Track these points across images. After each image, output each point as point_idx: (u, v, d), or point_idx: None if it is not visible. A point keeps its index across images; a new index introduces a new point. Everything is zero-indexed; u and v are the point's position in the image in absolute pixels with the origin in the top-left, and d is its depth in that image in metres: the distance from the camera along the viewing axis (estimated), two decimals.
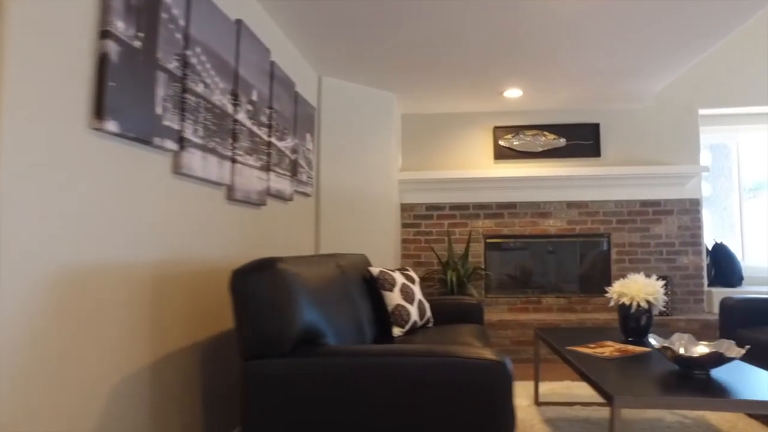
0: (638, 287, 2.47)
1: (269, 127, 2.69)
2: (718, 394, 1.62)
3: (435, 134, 4.43)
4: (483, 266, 4.25)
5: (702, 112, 4.33)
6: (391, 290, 2.63)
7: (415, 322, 2.65)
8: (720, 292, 4.11)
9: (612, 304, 2.55)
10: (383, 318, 2.61)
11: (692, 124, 4.24)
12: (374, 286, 2.65)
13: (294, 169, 3.08)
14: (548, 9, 2.61)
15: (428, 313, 2.79)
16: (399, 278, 2.71)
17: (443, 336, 2.51)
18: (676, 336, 2.12)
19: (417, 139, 4.45)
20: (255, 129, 2.50)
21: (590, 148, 4.25)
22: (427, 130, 4.44)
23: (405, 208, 4.35)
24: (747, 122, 4.65)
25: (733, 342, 1.93)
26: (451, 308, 2.96)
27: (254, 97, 2.49)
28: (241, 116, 2.34)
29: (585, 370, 1.94)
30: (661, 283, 2.55)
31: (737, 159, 4.74)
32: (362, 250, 3.65)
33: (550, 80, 3.67)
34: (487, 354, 1.47)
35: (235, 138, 2.27)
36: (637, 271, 4.14)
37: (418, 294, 2.75)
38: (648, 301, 2.43)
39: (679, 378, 1.81)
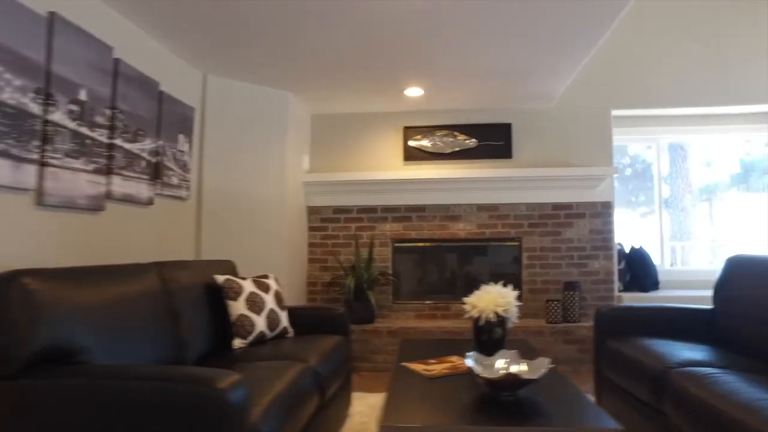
0: (489, 298, 2.34)
1: (111, 128, 2.54)
2: (498, 420, 1.49)
3: (345, 135, 4.29)
4: (390, 271, 4.11)
5: (615, 113, 4.21)
6: (235, 299, 2.49)
7: (262, 333, 2.51)
8: (631, 297, 3.99)
9: (467, 316, 2.42)
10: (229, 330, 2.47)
11: (605, 125, 4.11)
12: (220, 296, 2.51)
13: (156, 172, 2.93)
14: (436, 7, 2.49)
15: (283, 324, 2.65)
16: (248, 287, 2.57)
17: (287, 348, 2.36)
18: (501, 353, 2.00)
19: (327, 140, 4.31)
20: (84, 130, 2.35)
21: (502, 149, 4.12)
22: (338, 130, 4.30)
23: (312, 210, 4.21)
24: (665, 124, 4.54)
25: (547, 360, 1.81)
26: (314, 318, 2.82)
27: (82, 97, 2.34)
28: (58, 117, 2.19)
29: (390, 391, 1.81)
30: (515, 293, 2.43)
31: (687, 161, 4.63)
32: (253, 255, 3.51)
33: (450, 79, 3.54)
34: (217, 380, 1.33)
35: (46, 140, 2.12)
36: (547, 275, 4.01)
37: (270, 303, 2.61)
38: (497, 314, 2.30)
39: (481, 401, 1.68)
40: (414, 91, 3.76)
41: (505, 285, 2.47)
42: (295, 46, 2.98)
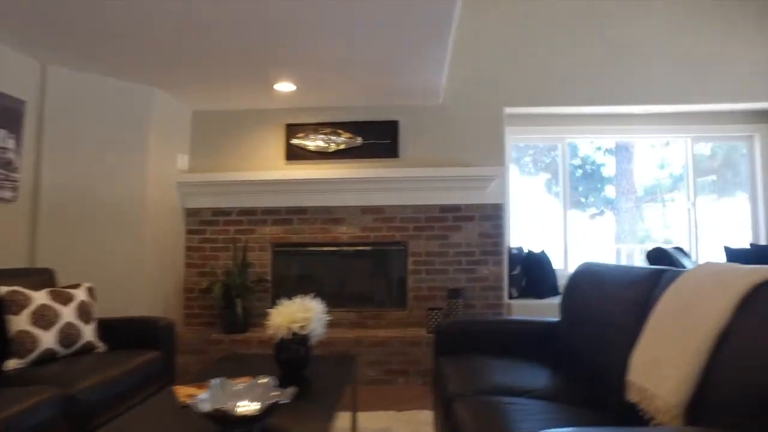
0: (287, 314, 2.10)
1: None
2: None
3: (227, 133, 4.04)
4: (269, 277, 3.87)
5: (509, 111, 4.01)
6: (18, 314, 2.23)
7: (50, 351, 2.26)
8: (521, 305, 3.79)
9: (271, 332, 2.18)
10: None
11: (497, 124, 3.91)
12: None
13: None
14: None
15: (85, 339, 2.40)
16: (39, 299, 2.31)
17: (61, 370, 2.11)
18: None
19: (209, 139, 4.05)
20: None
21: (388, 148, 3.89)
22: (220, 128, 4.05)
23: (190, 212, 3.95)
24: (573, 123, 4.35)
25: (271, 380, 1.58)
26: (131, 331, 2.57)
27: None
28: None
29: (118, 421, 1.57)
30: (320, 307, 2.20)
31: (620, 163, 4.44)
32: (105, 261, 3.24)
33: (320, 74, 3.31)
34: None
35: None
36: (434, 282, 3.79)
37: (67, 316, 2.36)
38: (294, 331, 2.06)
39: None
40: (285, 86, 3.52)
41: (316, 296, 2.25)
42: (151, 39, 2.76)
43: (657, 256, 2.54)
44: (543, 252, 4.20)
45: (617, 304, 1.89)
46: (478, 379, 1.93)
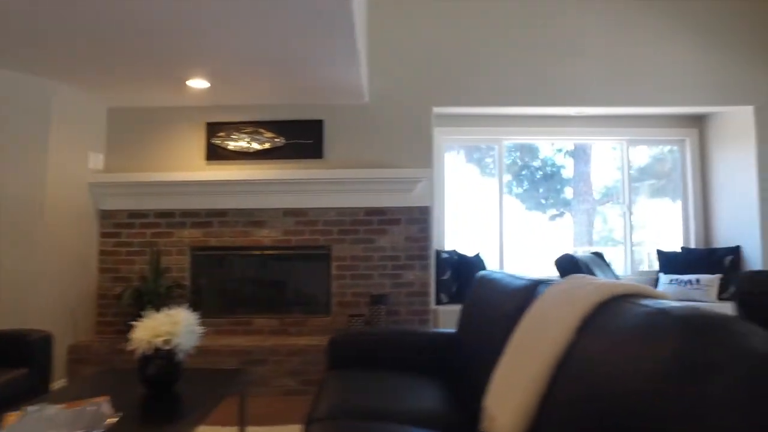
0: (153, 326, 1.95)
1: None
2: None
3: (145, 131, 3.85)
4: (188, 282, 3.69)
5: (442, 111, 3.92)
6: None
7: None
8: (448, 311, 3.71)
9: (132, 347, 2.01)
10: None
11: (425, 124, 3.81)
12: None
13: None
14: None
15: None
16: None
17: None
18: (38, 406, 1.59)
19: (126, 137, 3.85)
20: None
21: (312, 149, 3.75)
22: (138, 126, 3.85)
23: (105, 215, 3.74)
24: (509, 124, 4.28)
25: (106, 402, 1.44)
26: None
27: None
28: None
29: None
30: (192, 318, 2.06)
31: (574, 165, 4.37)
32: None
33: (233, 69, 3.14)
34: None
35: None
36: (358, 287, 3.68)
37: None
38: (157, 346, 1.91)
39: None
40: (198, 83, 3.34)
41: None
42: (51, 31, 2.55)
43: (565, 264, 2.47)
44: (477, 256, 4.13)
45: (495, 318, 1.80)
46: (352, 398, 1.81)
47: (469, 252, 4.15)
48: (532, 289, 1.68)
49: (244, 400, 2.27)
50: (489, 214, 4.37)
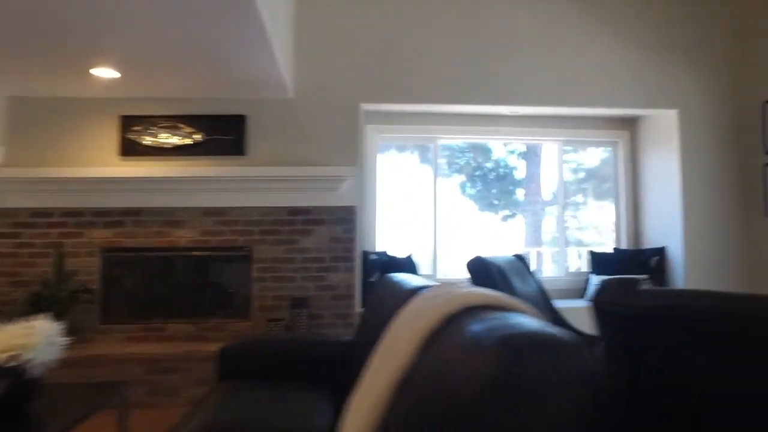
0: (2, 338, 1.76)
1: None
2: None
3: (51, 123, 3.58)
4: (97, 286, 3.46)
5: (371, 108, 3.81)
6: None
7: None
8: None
9: None
10: None
11: (353, 121, 3.69)
12: None
13: None
14: None
15: None
16: None
17: None
18: None
19: (29, 129, 3.57)
20: None
21: (234, 145, 3.58)
22: (42, 117, 3.58)
23: (4, 213, 3.46)
24: (444, 122, 4.21)
25: None
26: None
27: None
28: None
29: None
30: (53, 328, 1.87)
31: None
32: None
33: (144, 58, 2.94)
34: None
35: None
36: (280, 290, 3.53)
37: None
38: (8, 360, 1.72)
39: None
40: (106, 72, 3.12)
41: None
42: None
43: (475, 267, 2.39)
44: (409, 257, 4.04)
45: (377, 327, 1.69)
46: (226, 415, 1.67)
47: (401, 253, 4.06)
48: (412, 294, 1.58)
49: (124, 415, 2.09)
50: (424, 214, 4.30)
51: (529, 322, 0.92)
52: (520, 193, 4.90)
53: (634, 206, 4.40)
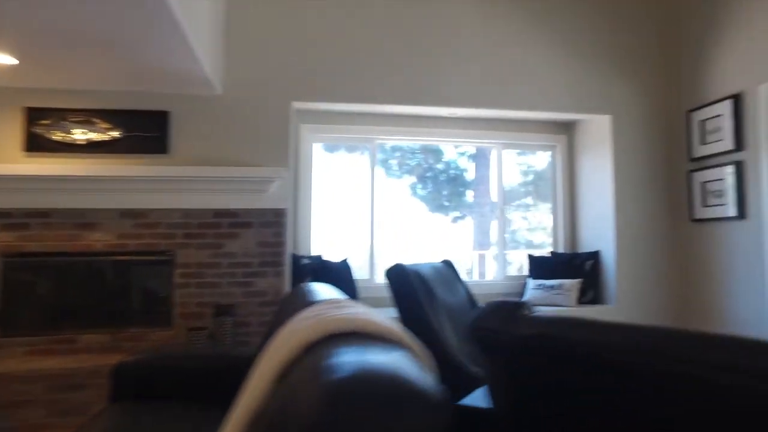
0: None
1: None
2: None
3: None
4: None
5: (298, 106, 3.67)
6: None
7: None
8: None
9: None
10: None
11: (283, 120, 3.54)
12: None
13: None
14: None
15: None
16: None
17: None
18: None
19: None
20: None
21: (155, 143, 3.36)
22: None
23: None
24: (383, 123, 4.12)
25: None
26: None
27: None
28: None
29: None
30: None
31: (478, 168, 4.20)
32: None
33: (47, 45, 2.69)
34: None
35: None
36: (205, 297, 3.34)
37: None
38: None
39: None
40: (1, 58, 2.85)
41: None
42: None
43: (394, 275, 2.29)
44: (345, 261, 3.92)
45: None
46: None
47: (337, 257, 3.94)
48: (304, 309, 1.47)
49: None
50: (363, 216, 4.19)
51: (383, 360, 0.82)
52: (470, 195, 4.87)
53: (572, 210, 4.43)
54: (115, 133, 3.33)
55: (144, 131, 3.35)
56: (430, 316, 2.11)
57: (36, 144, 3.27)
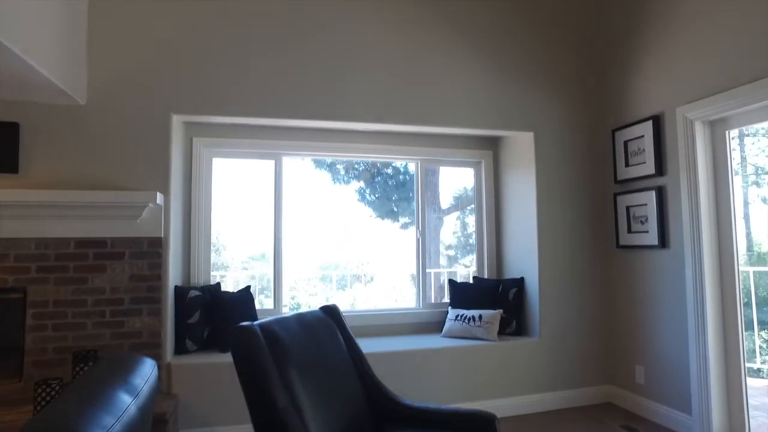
0: None
1: None
2: None
3: None
4: None
5: (182, 119, 3.24)
6: None
7: None
8: (192, 364, 3.03)
9: None
10: None
11: (163, 136, 3.09)
12: None
13: None
14: None
15: None
16: None
17: None
18: None
19: None
20: None
21: (2, 160, 2.86)
22: None
23: None
24: (289, 137, 3.72)
25: None
26: None
27: None
28: None
29: None
30: None
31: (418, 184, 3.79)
32: None
33: None
34: None
35: None
36: (66, 341, 2.87)
37: None
38: None
39: None
40: None
41: None
42: None
43: (237, 340, 1.89)
44: (245, 290, 3.50)
45: None
46: None
47: (237, 286, 3.53)
48: None
49: None
50: (268, 237, 3.78)
51: None
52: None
53: (497, 232, 4.16)
54: None
55: None
56: (277, 396, 1.74)
57: None
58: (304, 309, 3.63)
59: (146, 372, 1.68)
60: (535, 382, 3.59)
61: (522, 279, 3.81)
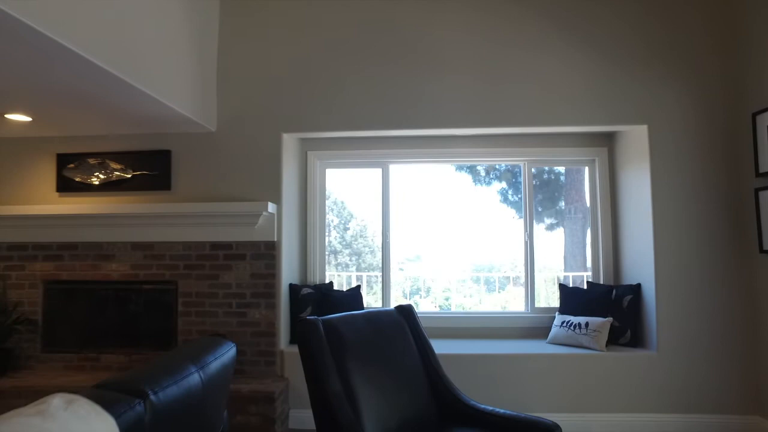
0: None
1: None
2: None
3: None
4: (40, 316, 3.64)
5: (294, 136, 3.65)
6: None
7: None
8: (297, 353, 3.45)
9: None
10: None
11: (275, 153, 3.54)
12: None
13: None
14: None
15: None
16: None
17: None
18: None
19: None
20: None
21: (159, 180, 3.58)
22: None
23: None
24: (395, 146, 3.94)
25: None
26: None
27: None
28: None
29: None
30: None
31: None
32: None
33: (55, 103, 3.02)
34: None
35: None
36: (204, 325, 3.49)
37: None
38: None
39: None
40: (19, 117, 3.25)
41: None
42: None
43: (300, 333, 2.14)
44: (355, 289, 3.84)
45: None
46: None
47: (347, 285, 3.87)
48: None
49: None
50: (377, 240, 4.05)
51: None
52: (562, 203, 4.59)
53: (614, 234, 3.83)
54: (126, 174, 3.62)
55: (150, 170, 3.60)
56: (330, 382, 1.95)
57: (65, 185, 3.69)
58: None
59: (220, 352, 2.03)
60: (651, 400, 3.25)
61: (638, 285, 3.47)
